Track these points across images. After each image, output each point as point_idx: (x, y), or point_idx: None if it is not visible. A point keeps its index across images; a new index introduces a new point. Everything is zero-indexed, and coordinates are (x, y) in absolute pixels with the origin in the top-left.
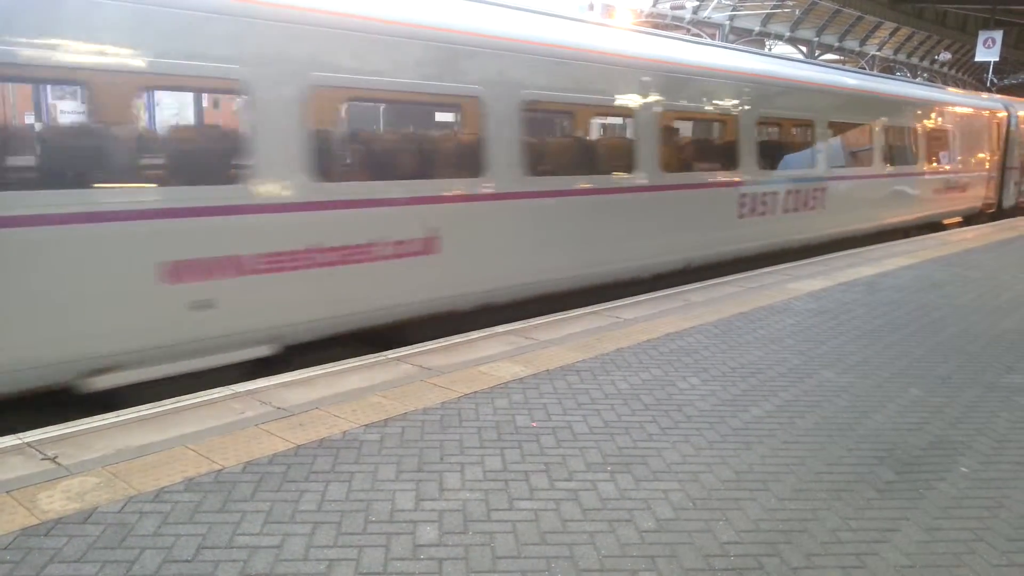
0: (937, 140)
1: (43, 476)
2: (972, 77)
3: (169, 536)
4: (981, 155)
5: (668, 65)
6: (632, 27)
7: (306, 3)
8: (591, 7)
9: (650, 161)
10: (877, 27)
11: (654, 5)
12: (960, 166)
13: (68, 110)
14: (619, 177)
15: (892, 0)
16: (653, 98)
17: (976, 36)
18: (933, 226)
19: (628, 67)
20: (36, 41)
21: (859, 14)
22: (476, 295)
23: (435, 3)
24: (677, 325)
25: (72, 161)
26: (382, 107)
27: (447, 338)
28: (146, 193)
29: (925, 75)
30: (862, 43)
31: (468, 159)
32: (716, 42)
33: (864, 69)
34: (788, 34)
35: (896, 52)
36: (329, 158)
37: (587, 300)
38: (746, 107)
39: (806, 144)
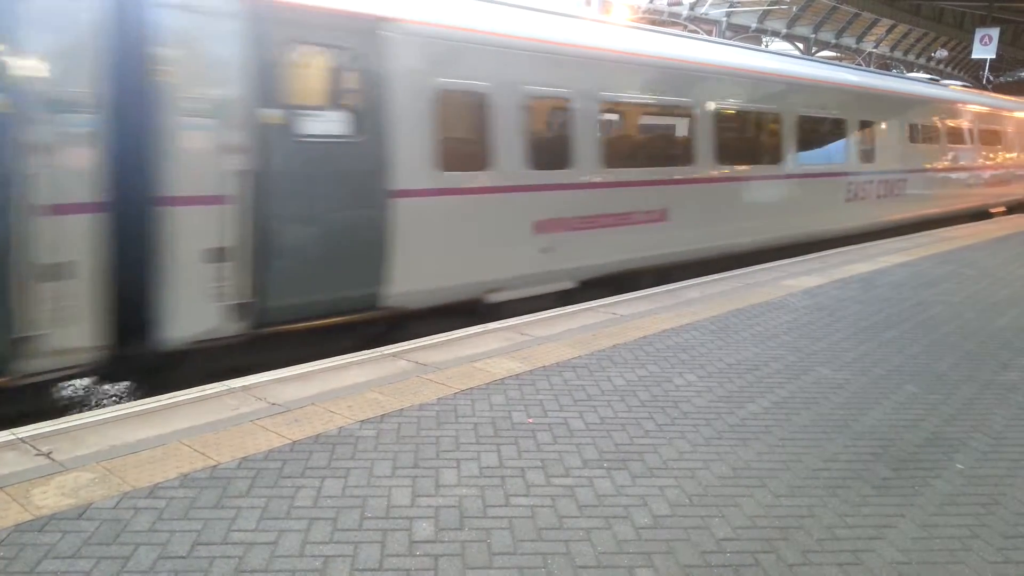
0: None
1: (37, 471)
2: (968, 74)
3: (164, 532)
4: None
5: None
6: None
7: None
8: (588, 3)
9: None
10: (874, 24)
11: (651, 1)
12: None
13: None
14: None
15: None
16: None
17: (973, 33)
18: None
19: None
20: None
21: (856, 11)
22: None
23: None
24: (673, 322)
25: None
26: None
27: (443, 334)
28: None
29: (921, 72)
30: (859, 40)
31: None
32: None
33: None
34: (785, 31)
35: (893, 49)
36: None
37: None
38: None
39: None
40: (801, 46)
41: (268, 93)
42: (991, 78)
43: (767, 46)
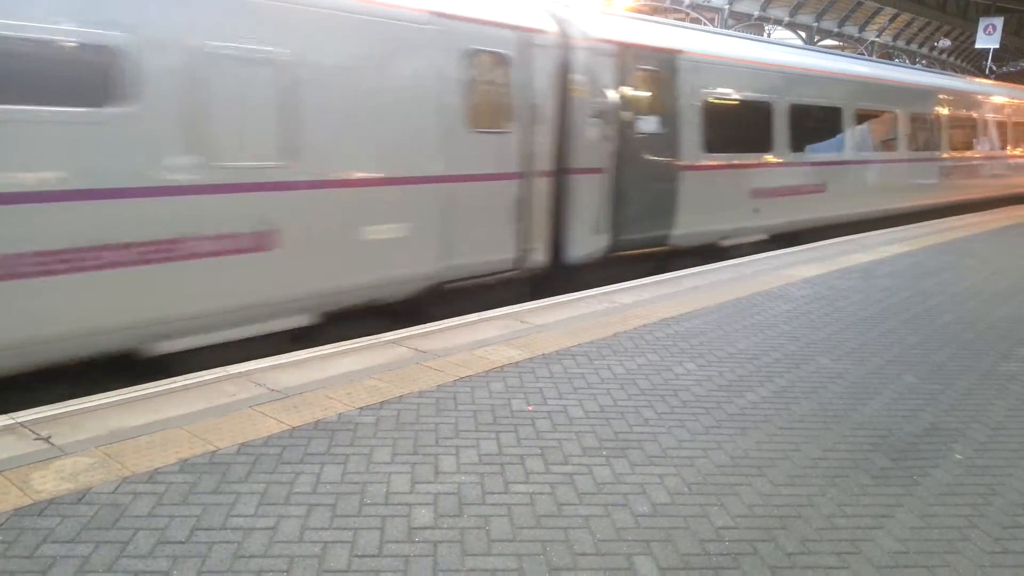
0: None
1: (36, 456)
2: (971, 64)
3: (163, 517)
4: None
5: None
6: None
7: None
8: None
9: None
10: (877, 13)
11: None
12: None
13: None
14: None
15: None
16: None
17: (977, 23)
18: None
19: None
20: None
21: None
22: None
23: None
24: (673, 310)
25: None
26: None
27: (442, 321)
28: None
29: (924, 62)
30: (862, 29)
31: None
32: None
33: None
34: (787, 19)
35: (896, 38)
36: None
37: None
38: None
39: None
40: (803, 35)
41: None
42: (994, 68)
43: (769, 35)
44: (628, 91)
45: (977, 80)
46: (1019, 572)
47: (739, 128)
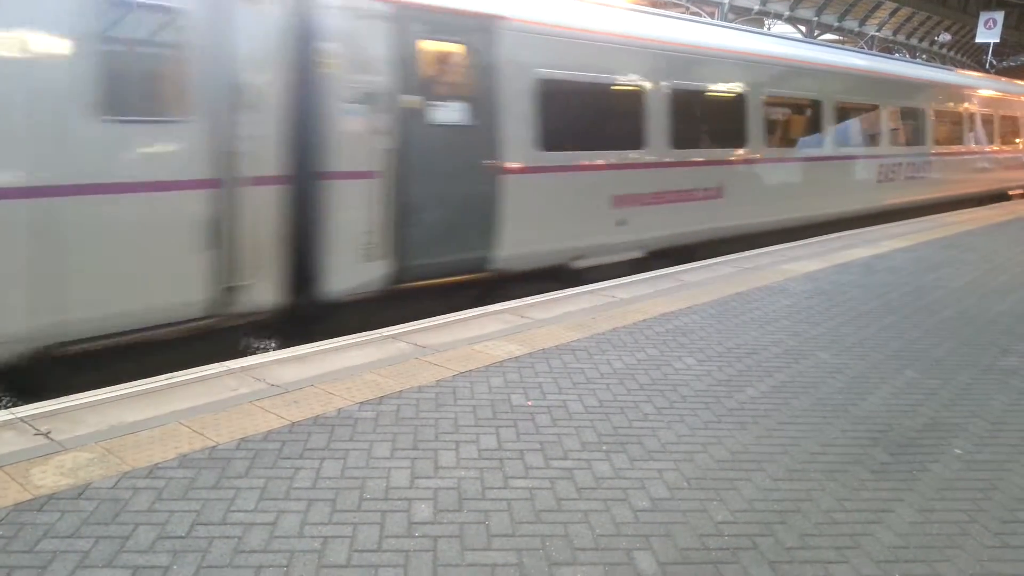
0: None
1: (36, 451)
2: (971, 59)
3: (163, 512)
4: None
5: None
6: None
7: None
8: None
9: None
10: (877, 7)
11: None
12: None
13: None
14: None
15: None
16: None
17: (977, 17)
18: None
19: None
20: None
21: None
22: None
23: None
24: (673, 305)
25: None
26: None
27: (442, 316)
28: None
29: (924, 56)
30: (862, 23)
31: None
32: None
33: None
34: (788, 13)
35: (896, 33)
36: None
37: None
38: None
39: None
40: (804, 29)
41: None
42: (994, 62)
43: (769, 28)
44: (416, 69)
45: (931, 66)
46: (1019, 567)
47: (595, 120)
